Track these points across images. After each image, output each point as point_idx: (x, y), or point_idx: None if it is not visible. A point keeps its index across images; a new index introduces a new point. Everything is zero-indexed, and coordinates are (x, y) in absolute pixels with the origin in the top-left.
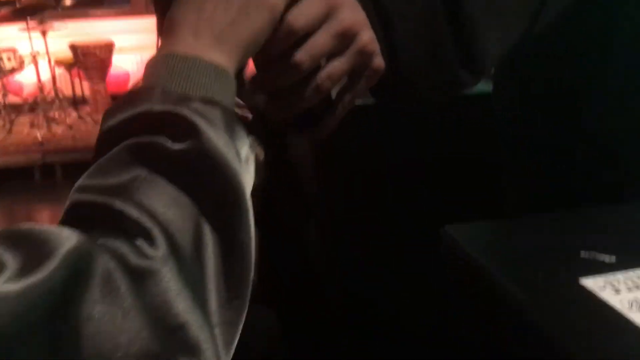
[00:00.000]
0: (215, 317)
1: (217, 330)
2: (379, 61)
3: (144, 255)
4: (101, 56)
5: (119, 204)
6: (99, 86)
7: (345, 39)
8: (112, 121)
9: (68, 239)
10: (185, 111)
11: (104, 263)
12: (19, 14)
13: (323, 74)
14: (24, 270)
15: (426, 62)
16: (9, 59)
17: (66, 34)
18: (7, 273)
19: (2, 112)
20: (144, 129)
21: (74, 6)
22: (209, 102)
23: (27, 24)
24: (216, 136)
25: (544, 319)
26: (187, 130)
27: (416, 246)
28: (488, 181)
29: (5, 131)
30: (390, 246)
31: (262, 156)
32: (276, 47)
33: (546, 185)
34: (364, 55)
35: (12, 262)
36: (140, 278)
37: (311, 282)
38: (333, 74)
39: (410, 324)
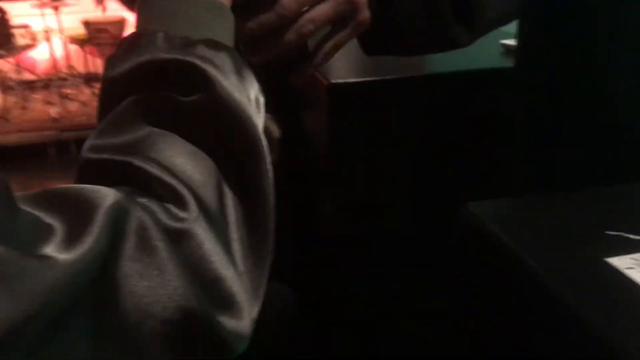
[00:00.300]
0: (240, 265)
1: (244, 278)
2: (364, 14)
3: (176, 215)
4: (114, 33)
5: (138, 162)
6: None
7: None
8: (116, 71)
9: (106, 196)
10: (194, 59)
11: (138, 220)
12: None
13: (306, 17)
14: (72, 234)
15: (419, 15)
16: (22, 35)
17: (79, 11)
18: (57, 238)
19: (16, 89)
20: (151, 80)
21: None
22: (214, 45)
23: (40, 0)
24: (228, 83)
25: (569, 297)
26: (198, 79)
27: (418, 244)
28: (493, 181)
29: (19, 108)
30: (392, 244)
31: (277, 133)
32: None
33: (553, 180)
34: (350, 4)
35: (58, 225)
36: (174, 237)
37: (312, 277)
38: (316, 18)
39: (410, 324)
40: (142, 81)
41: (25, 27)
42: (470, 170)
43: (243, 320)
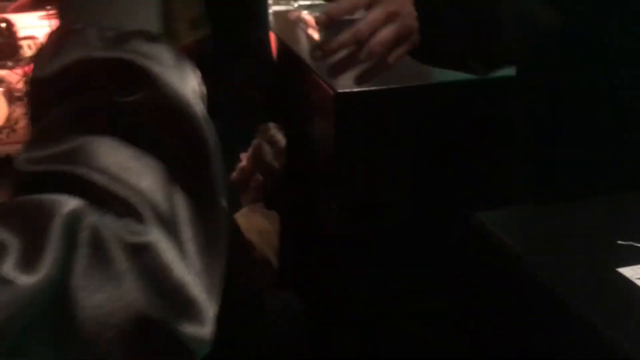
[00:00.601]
0: (196, 265)
1: (200, 278)
2: (416, 36)
3: (131, 228)
4: None
5: (80, 171)
6: None
7: (393, 15)
8: (45, 70)
9: (61, 206)
10: (131, 55)
11: (94, 231)
12: (37, 2)
13: (376, 40)
14: (29, 252)
15: (447, 51)
16: (29, 47)
17: None
18: (13, 256)
19: (23, 100)
20: (85, 81)
21: None
22: (150, 37)
23: (46, 12)
24: (170, 78)
25: (581, 307)
26: (137, 78)
27: (418, 245)
28: (493, 182)
29: (26, 119)
30: (392, 244)
31: (283, 142)
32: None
33: (553, 180)
34: (408, 29)
35: (14, 242)
36: (132, 249)
37: (313, 277)
38: (383, 41)
39: (410, 324)
40: (75, 82)
41: (32, 38)
42: (470, 171)
43: (204, 324)
